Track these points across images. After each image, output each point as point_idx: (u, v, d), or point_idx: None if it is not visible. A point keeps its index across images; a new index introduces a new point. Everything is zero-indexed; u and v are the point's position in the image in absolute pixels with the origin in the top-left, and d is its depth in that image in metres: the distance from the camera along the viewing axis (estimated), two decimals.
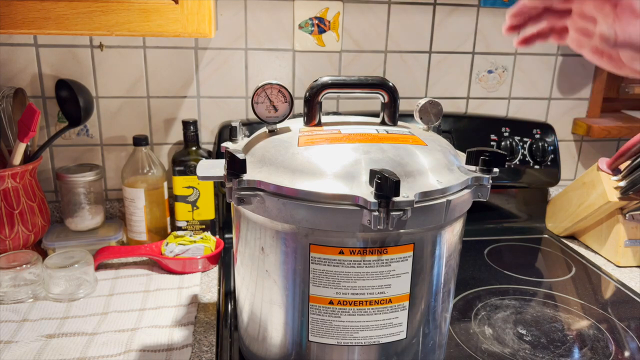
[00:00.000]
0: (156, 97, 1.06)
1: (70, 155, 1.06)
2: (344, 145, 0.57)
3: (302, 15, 1.05)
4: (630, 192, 0.96)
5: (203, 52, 1.04)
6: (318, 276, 0.56)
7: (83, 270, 0.84)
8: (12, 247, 0.90)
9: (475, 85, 1.18)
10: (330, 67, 1.10)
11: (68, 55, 1.00)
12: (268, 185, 0.55)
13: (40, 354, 0.69)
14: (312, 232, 0.55)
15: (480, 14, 1.12)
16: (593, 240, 1.08)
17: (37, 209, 0.92)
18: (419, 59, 1.13)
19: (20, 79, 1.00)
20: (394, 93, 0.65)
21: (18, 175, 0.88)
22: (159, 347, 0.71)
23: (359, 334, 0.58)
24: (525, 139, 1.12)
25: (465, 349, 0.74)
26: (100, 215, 1.01)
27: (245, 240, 0.61)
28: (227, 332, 0.76)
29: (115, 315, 0.78)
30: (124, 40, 1.01)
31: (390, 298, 0.57)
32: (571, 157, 1.27)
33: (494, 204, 1.16)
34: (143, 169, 0.99)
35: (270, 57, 1.07)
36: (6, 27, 0.70)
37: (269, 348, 0.63)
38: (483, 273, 0.96)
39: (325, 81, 0.63)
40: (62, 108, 0.99)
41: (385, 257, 0.55)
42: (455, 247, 0.62)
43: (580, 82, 1.22)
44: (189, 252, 0.92)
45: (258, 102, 0.63)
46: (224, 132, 1.02)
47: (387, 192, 0.49)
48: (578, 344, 0.76)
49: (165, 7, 0.72)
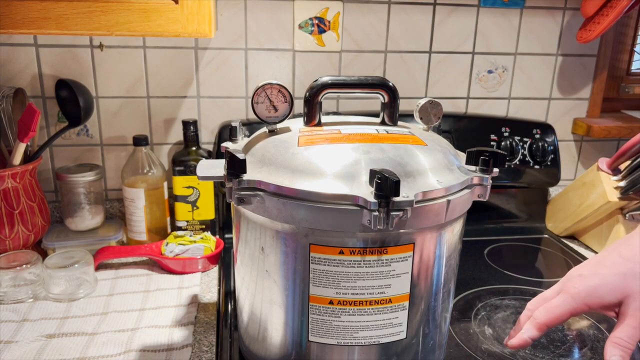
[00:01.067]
0: (156, 97, 1.06)
1: (70, 155, 1.06)
2: (344, 145, 0.57)
3: (302, 15, 1.05)
4: (630, 192, 0.96)
5: (203, 52, 1.04)
6: (318, 276, 0.56)
7: (83, 270, 0.84)
8: (12, 247, 0.90)
9: (475, 85, 1.18)
10: (330, 67, 1.10)
11: (68, 55, 1.00)
12: (268, 185, 0.55)
13: (40, 354, 0.69)
14: (312, 232, 0.55)
15: (480, 14, 1.12)
16: (593, 240, 1.08)
17: (37, 209, 0.92)
18: (419, 59, 1.13)
19: (20, 79, 1.00)
20: (394, 93, 0.65)
21: (18, 175, 0.88)
22: (159, 347, 0.71)
23: (359, 334, 0.58)
24: (525, 139, 1.12)
25: (465, 349, 0.74)
26: (100, 215, 1.01)
27: (245, 240, 0.61)
28: (227, 332, 0.76)
29: (115, 315, 0.78)
30: (124, 40, 1.01)
31: (390, 298, 0.57)
32: (571, 157, 1.27)
33: (494, 204, 1.16)
34: (143, 169, 0.99)
35: (270, 57, 1.07)
36: (6, 27, 0.70)
37: (269, 348, 0.63)
38: (483, 273, 0.96)
39: (325, 81, 0.63)
40: (62, 108, 0.99)
41: (385, 257, 0.55)
42: (455, 247, 0.62)
43: (580, 82, 1.22)
44: (189, 252, 0.92)
45: (258, 102, 0.63)
46: (224, 132, 1.02)
47: (387, 192, 0.49)
48: (578, 344, 0.76)
49: (165, 7, 0.72)
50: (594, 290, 0.56)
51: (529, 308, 0.61)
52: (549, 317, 0.57)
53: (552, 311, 0.57)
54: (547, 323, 0.57)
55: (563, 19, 1.16)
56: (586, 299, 0.56)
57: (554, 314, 0.57)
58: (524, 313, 0.61)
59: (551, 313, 0.57)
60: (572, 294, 0.57)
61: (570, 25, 1.16)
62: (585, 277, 0.57)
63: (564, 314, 0.56)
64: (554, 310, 0.57)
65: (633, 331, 0.53)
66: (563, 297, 0.57)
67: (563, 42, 1.18)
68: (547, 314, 0.57)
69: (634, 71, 1.29)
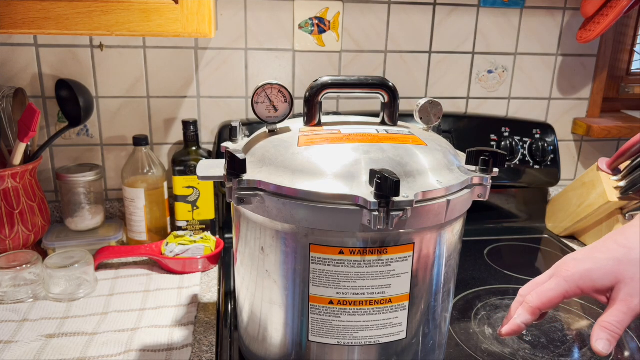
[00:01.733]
0: (156, 97, 1.06)
1: (70, 155, 1.06)
2: (344, 145, 0.57)
3: (302, 15, 1.05)
4: (630, 192, 0.96)
5: (203, 52, 1.05)
6: (318, 276, 0.56)
7: (83, 270, 0.84)
8: (12, 247, 0.90)
9: (475, 85, 1.18)
10: (330, 67, 1.10)
11: (68, 55, 1.00)
12: (268, 185, 0.55)
13: (40, 354, 0.69)
14: (312, 232, 0.55)
15: (480, 14, 1.12)
16: (593, 240, 1.07)
17: (37, 209, 0.92)
18: (419, 59, 1.13)
19: (20, 79, 1.00)
20: (394, 93, 0.65)
21: (18, 175, 0.88)
22: (159, 347, 0.71)
23: (359, 334, 0.58)
24: (525, 139, 1.12)
25: (465, 349, 0.74)
26: (100, 215, 1.01)
27: (245, 240, 0.61)
28: (227, 332, 0.76)
29: (115, 315, 0.78)
30: (124, 40, 1.01)
31: (390, 298, 0.57)
32: (571, 157, 1.27)
33: (494, 204, 1.16)
34: (143, 169, 0.99)
35: (270, 57, 1.07)
36: (6, 27, 0.70)
37: (269, 348, 0.63)
38: (483, 273, 0.96)
39: (325, 81, 0.63)
40: (62, 108, 0.99)
41: (385, 257, 0.55)
42: (455, 247, 0.62)
43: (580, 82, 1.22)
44: (189, 252, 0.92)
45: (258, 102, 0.63)
46: (224, 132, 1.02)
47: (387, 192, 0.49)
48: (578, 344, 0.76)
49: (165, 7, 0.72)
50: (587, 273, 0.55)
51: (520, 294, 0.60)
52: (541, 300, 0.56)
53: (545, 294, 0.56)
54: (540, 307, 0.56)
55: (563, 19, 1.16)
56: (579, 281, 0.55)
57: (547, 297, 0.56)
58: (516, 299, 0.60)
59: (543, 296, 0.56)
60: (565, 277, 0.56)
61: (570, 25, 1.16)
62: (579, 261, 0.57)
63: (556, 296, 0.56)
64: (547, 294, 0.56)
65: (622, 316, 0.53)
66: (556, 281, 0.56)
67: (563, 42, 1.18)
68: (540, 297, 0.56)
69: (634, 71, 1.29)
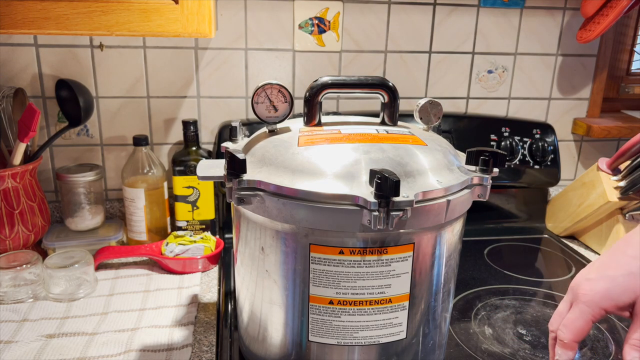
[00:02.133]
0: (156, 97, 1.06)
1: (70, 155, 1.06)
2: (344, 145, 0.57)
3: (302, 15, 1.05)
4: (630, 192, 0.96)
5: (203, 52, 1.05)
6: (318, 276, 0.56)
7: (83, 270, 0.84)
8: (12, 247, 0.90)
9: (475, 85, 1.18)
10: (330, 67, 1.10)
11: (68, 55, 1.00)
12: (268, 185, 0.55)
13: (40, 354, 0.69)
14: (312, 232, 0.55)
15: (480, 14, 1.12)
16: (593, 240, 1.08)
17: (37, 209, 0.92)
18: (419, 59, 1.13)
19: (20, 79, 1.00)
20: (394, 93, 0.65)
21: (18, 175, 0.88)
22: (159, 347, 0.71)
23: (359, 334, 0.58)
24: (525, 139, 1.12)
25: (465, 349, 0.74)
26: (100, 215, 1.01)
27: (245, 240, 0.61)
28: (227, 332, 0.76)
29: (115, 315, 0.78)
30: (124, 40, 1.01)
31: (390, 298, 0.57)
32: (571, 157, 1.27)
33: (494, 204, 1.16)
34: (143, 169, 0.99)
35: (270, 57, 1.07)
36: (6, 27, 0.70)
37: (269, 348, 0.63)
38: (483, 273, 0.96)
39: (325, 81, 0.63)
40: (62, 108, 0.99)
41: (385, 257, 0.55)
42: (455, 247, 0.62)
43: (580, 82, 1.22)
44: (189, 252, 0.92)
45: (258, 102, 0.63)
46: (224, 132, 1.02)
47: (387, 192, 0.49)
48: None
49: (165, 7, 0.72)
50: (607, 294, 0.54)
51: (551, 330, 0.59)
52: (572, 333, 0.56)
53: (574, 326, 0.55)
54: (574, 339, 0.56)
55: (563, 19, 1.16)
56: (600, 303, 0.54)
57: (576, 327, 0.55)
58: (550, 337, 0.60)
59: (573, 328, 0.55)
60: (585, 302, 0.55)
61: (570, 25, 1.16)
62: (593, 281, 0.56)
63: (585, 324, 0.55)
64: (575, 324, 0.55)
65: None
66: (578, 308, 0.56)
67: (563, 42, 1.18)
68: (570, 330, 0.56)
69: (634, 71, 1.29)
